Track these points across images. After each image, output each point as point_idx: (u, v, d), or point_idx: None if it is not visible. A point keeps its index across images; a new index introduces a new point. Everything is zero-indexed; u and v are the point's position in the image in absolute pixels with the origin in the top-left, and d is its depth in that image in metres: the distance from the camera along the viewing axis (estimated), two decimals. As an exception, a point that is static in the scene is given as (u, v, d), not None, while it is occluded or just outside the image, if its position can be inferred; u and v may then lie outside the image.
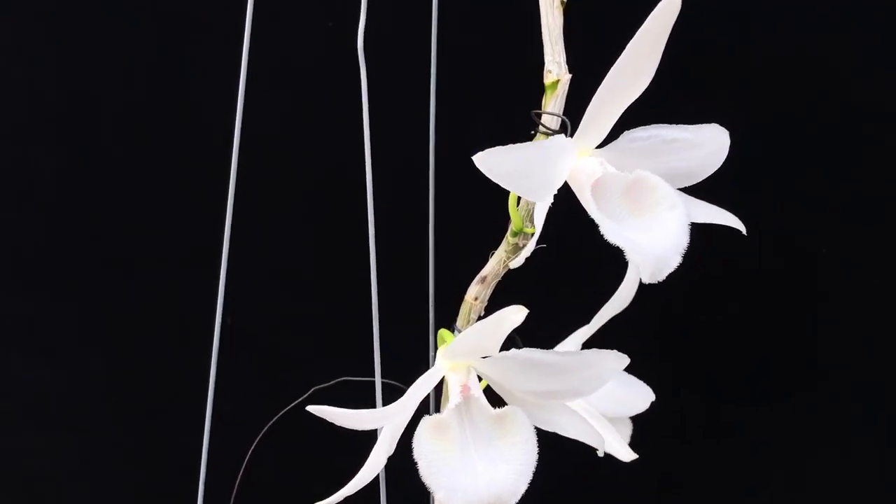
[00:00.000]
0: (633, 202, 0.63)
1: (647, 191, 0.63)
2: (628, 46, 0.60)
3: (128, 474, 1.38)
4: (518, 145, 0.60)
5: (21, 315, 1.33)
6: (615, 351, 0.64)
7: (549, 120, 0.69)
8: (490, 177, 0.58)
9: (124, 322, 1.33)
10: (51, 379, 1.34)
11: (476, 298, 0.73)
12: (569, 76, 0.70)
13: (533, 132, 0.68)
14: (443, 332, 0.70)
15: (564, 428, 0.68)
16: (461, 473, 0.61)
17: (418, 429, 0.62)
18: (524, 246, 0.70)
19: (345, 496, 0.65)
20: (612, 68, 0.60)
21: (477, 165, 0.57)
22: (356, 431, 0.63)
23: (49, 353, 1.35)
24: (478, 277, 0.73)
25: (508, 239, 0.71)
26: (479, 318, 0.74)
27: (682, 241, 0.61)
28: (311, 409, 0.59)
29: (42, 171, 1.31)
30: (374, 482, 0.66)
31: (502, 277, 0.72)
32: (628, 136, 0.64)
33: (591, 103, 0.62)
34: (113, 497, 1.39)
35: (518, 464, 0.61)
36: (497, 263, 0.73)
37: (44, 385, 1.34)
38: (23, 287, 1.33)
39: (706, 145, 0.66)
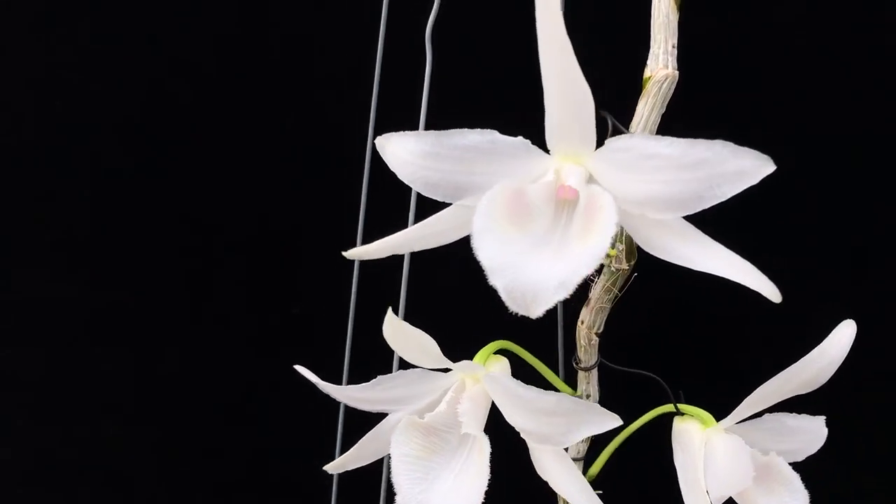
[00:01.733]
0: (585, 223, 0.52)
1: (595, 211, 0.51)
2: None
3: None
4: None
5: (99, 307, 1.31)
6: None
7: (639, 126, 0.60)
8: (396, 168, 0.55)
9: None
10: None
11: (582, 322, 0.67)
12: (674, 73, 0.59)
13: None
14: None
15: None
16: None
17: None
18: (623, 271, 0.63)
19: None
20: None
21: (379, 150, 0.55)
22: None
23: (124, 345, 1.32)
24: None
25: (611, 268, 0.64)
26: (591, 344, 0.67)
27: (569, 276, 0.49)
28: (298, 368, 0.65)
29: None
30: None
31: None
32: (611, 144, 0.52)
33: (547, 101, 0.53)
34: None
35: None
36: (601, 290, 0.65)
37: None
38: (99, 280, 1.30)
39: (700, 168, 0.49)
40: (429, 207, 0.58)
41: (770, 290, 0.50)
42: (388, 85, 0.79)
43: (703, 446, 0.66)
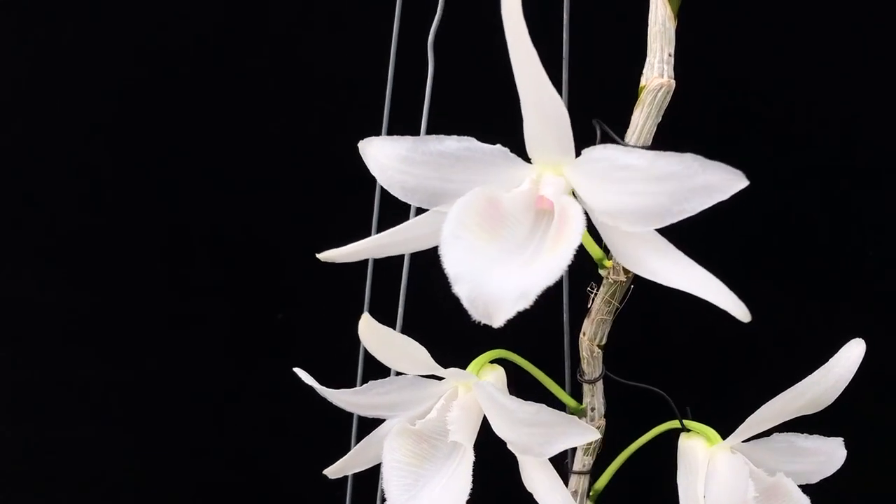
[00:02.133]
0: (555, 235, 0.51)
1: (565, 222, 0.51)
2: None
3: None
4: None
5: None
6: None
7: (633, 136, 0.59)
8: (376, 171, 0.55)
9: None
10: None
11: (584, 334, 0.66)
12: (670, 82, 0.58)
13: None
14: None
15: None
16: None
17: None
18: (620, 283, 0.62)
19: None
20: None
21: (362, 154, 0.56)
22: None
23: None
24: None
25: (608, 279, 0.63)
26: (593, 356, 0.66)
27: (530, 287, 0.48)
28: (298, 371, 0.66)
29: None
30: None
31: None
32: (587, 154, 0.52)
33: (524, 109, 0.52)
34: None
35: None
36: (601, 302, 0.64)
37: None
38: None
39: (668, 181, 0.48)
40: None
41: (739, 310, 0.49)
42: (384, 89, 0.79)
43: (706, 464, 0.65)
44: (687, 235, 0.53)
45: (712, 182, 0.47)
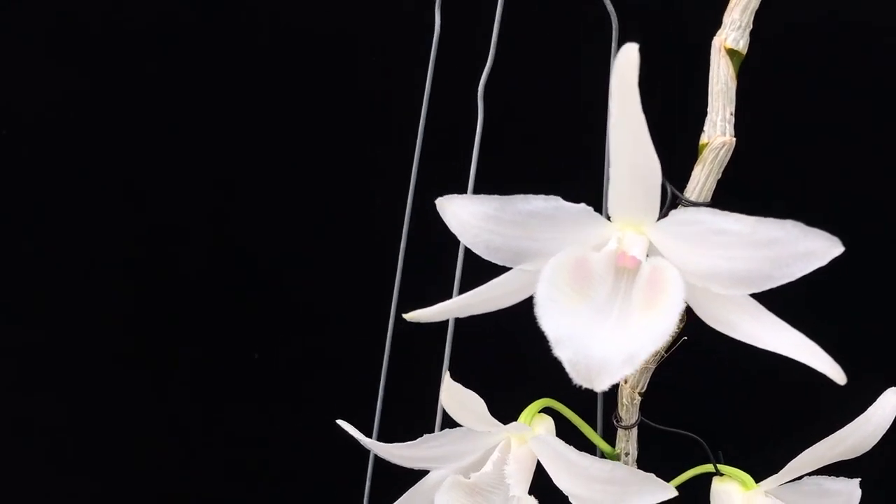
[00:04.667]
0: (647, 296, 0.52)
1: (661, 285, 0.51)
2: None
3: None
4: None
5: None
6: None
7: (694, 192, 0.60)
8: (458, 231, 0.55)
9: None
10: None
11: (626, 381, 0.67)
12: (731, 140, 0.59)
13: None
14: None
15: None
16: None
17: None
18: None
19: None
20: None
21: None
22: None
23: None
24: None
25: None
26: (633, 403, 0.67)
27: (636, 351, 0.49)
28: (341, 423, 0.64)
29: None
30: None
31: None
32: (676, 217, 0.52)
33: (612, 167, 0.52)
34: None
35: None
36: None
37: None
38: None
39: (769, 247, 0.49)
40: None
41: (836, 373, 0.50)
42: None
43: None
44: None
45: (813, 249, 0.48)
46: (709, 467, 0.69)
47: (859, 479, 0.70)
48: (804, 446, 0.65)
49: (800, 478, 0.67)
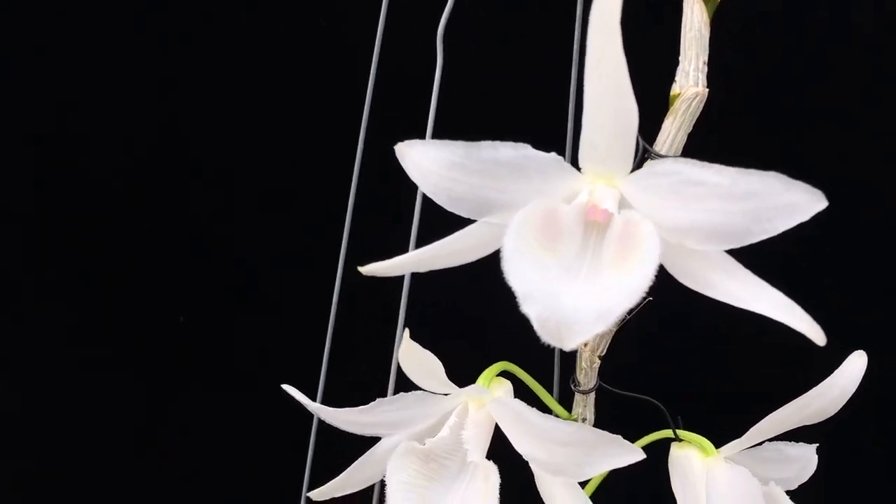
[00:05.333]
0: (620, 251, 0.49)
1: (635, 239, 0.48)
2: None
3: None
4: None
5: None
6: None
7: (665, 145, 0.57)
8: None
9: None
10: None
11: (586, 345, 0.64)
12: (704, 91, 0.56)
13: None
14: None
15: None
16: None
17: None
18: None
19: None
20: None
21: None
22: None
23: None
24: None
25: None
26: (592, 367, 0.64)
27: (609, 308, 0.46)
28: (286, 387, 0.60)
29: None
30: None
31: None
32: (651, 168, 0.49)
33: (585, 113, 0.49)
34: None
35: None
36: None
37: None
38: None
39: (749, 199, 0.47)
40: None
41: (816, 334, 0.48)
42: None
43: (704, 475, 0.64)
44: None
45: (795, 202, 0.46)
46: (667, 433, 0.67)
47: (816, 445, 0.68)
48: (765, 412, 0.63)
49: (760, 443, 0.66)
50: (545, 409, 0.66)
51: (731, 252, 0.49)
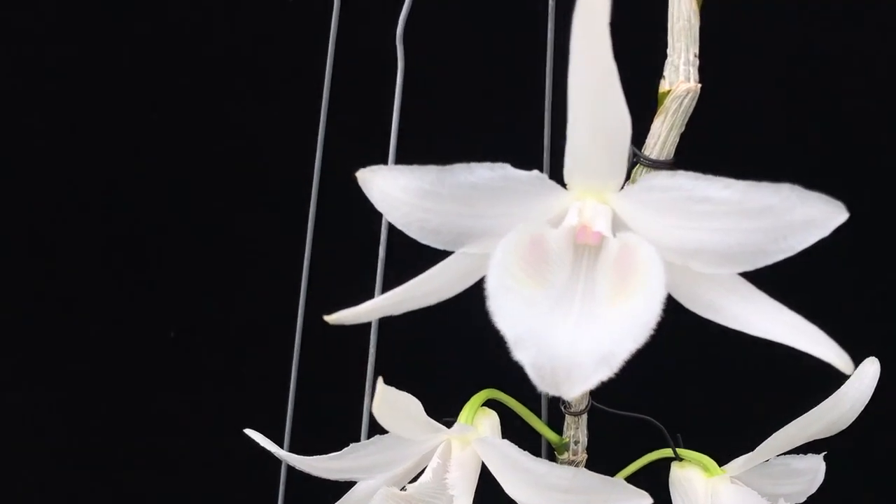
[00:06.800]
0: (617, 280, 0.43)
1: (634, 266, 0.43)
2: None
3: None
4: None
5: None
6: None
7: (655, 148, 0.51)
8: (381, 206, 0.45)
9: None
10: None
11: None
12: (696, 87, 0.50)
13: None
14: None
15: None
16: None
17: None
18: None
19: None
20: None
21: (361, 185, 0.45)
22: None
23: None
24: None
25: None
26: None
27: (613, 351, 0.40)
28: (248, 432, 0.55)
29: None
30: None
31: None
32: (646, 182, 0.44)
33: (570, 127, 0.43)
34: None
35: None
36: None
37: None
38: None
39: (763, 216, 0.41)
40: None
41: (841, 362, 0.43)
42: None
43: (708, 496, 0.60)
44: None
45: (813, 216, 0.41)
46: (667, 452, 0.62)
47: (824, 454, 0.64)
48: (768, 425, 0.59)
49: (767, 460, 0.61)
50: (534, 433, 0.61)
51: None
